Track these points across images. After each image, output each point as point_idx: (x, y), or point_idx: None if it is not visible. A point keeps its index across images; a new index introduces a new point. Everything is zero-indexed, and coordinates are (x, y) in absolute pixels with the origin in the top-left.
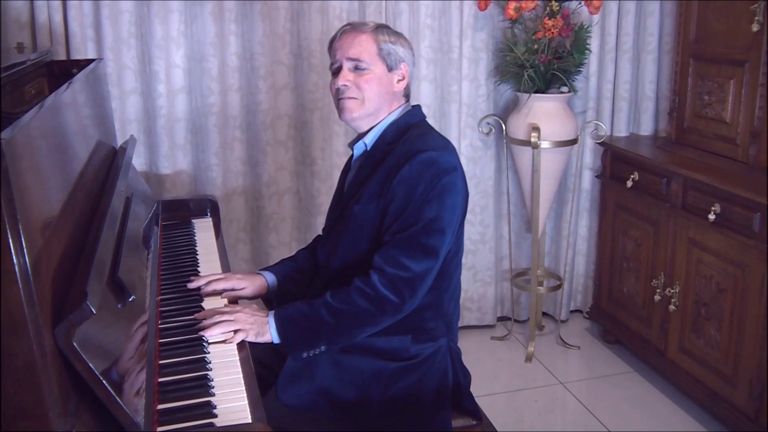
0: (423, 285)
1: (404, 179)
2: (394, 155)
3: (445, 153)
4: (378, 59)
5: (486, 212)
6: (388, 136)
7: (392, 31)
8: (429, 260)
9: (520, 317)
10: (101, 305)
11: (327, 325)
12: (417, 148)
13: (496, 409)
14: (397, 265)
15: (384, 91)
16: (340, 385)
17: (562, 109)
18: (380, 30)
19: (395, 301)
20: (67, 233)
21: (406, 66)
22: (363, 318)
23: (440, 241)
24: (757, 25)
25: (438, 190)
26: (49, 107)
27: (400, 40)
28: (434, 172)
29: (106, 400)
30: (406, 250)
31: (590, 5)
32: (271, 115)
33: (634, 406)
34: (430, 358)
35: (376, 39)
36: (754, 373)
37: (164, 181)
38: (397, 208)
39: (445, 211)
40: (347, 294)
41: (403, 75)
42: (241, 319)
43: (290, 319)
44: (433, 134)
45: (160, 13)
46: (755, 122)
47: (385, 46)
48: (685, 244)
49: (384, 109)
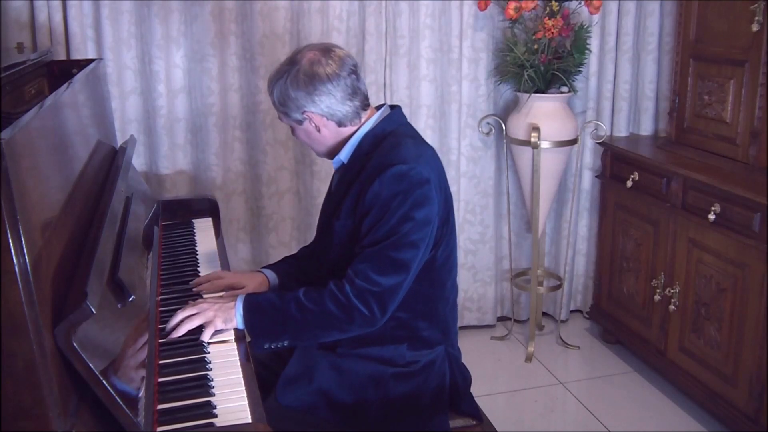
0: (393, 299)
1: (375, 194)
2: (368, 167)
3: (416, 165)
4: (286, 119)
5: (486, 212)
6: (364, 146)
7: (281, 81)
8: (398, 275)
9: (520, 317)
10: (101, 305)
11: (293, 320)
12: (388, 161)
13: (496, 409)
14: (366, 278)
15: (315, 139)
16: (338, 388)
17: (562, 109)
18: (273, 91)
19: (365, 313)
20: (67, 233)
21: (308, 113)
22: (330, 322)
23: (411, 254)
24: (757, 25)
25: (409, 204)
26: (49, 107)
27: (288, 90)
28: (405, 186)
29: (106, 400)
30: (375, 265)
31: (590, 5)
32: (271, 115)
33: (634, 406)
34: (429, 365)
35: (274, 102)
36: (754, 373)
37: (164, 181)
38: (369, 222)
39: (417, 224)
40: (320, 295)
41: (314, 123)
42: (203, 309)
43: (259, 307)
44: (406, 143)
45: (160, 13)
46: (755, 122)
47: (281, 108)
48: (685, 244)
49: (336, 139)
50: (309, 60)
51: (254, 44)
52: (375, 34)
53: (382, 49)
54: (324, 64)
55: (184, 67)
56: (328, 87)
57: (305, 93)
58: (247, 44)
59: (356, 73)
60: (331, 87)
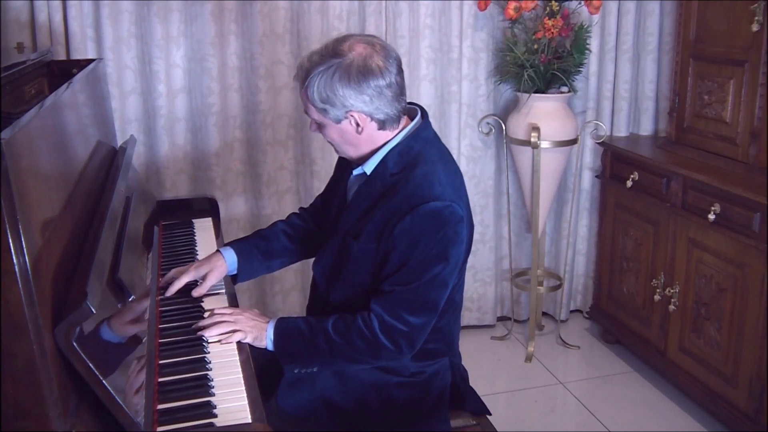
0: (421, 337)
1: (407, 230)
2: (396, 195)
3: (452, 203)
4: (321, 116)
5: (486, 212)
6: (389, 164)
7: (324, 74)
8: (429, 314)
9: (520, 317)
10: (101, 305)
11: (321, 351)
12: (422, 196)
13: (496, 409)
14: (396, 317)
15: (350, 140)
16: (340, 394)
17: (562, 109)
18: (310, 83)
19: (392, 349)
20: (67, 233)
21: (353, 113)
22: (357, 356)
23: (441, 294)
24: (757, 25)
25: (443, 245)
26: (49, 107)
27: (334, 84)
28: (439, 224)
29: (106, 400)
30: (407, 304)
31: (590, 5)
32: (271, 115)
33: (634, 406)
34: (432, 376)
35: (310, 96)
36: (754, 373)
37: (164, 181)
38: (398, 258)
39: (449, 264)
40: (348, 329)
41: (356, 122)
42: (241, 321)
43: (288, 333)
44: (438, 174)
45: (160, 13)
46: (755, 122)
47: (320, 105)
48: (685, 244)
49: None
50: (360, 54)
51: (254, 44)
52: (375, 34)
53: None
54: (375, 58)
55: (184, 66)
56: (380, 84)
57: (356, 90)
58: (247, 44)
59: (402, 71)
60: (384, 85)
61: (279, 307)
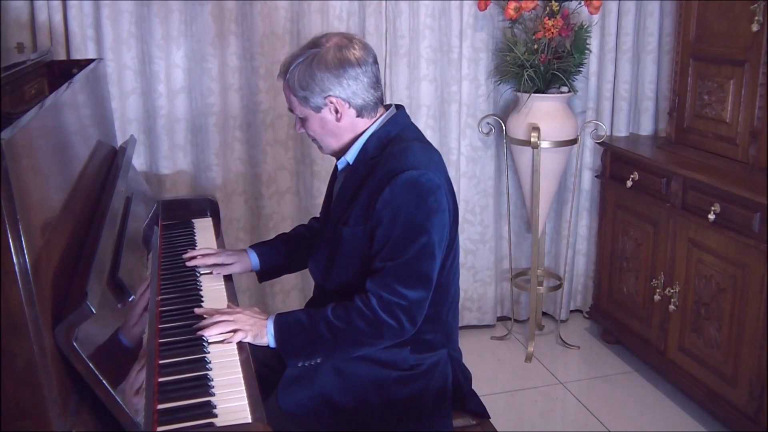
0: (420, 311)
1: (387, 202)
2: (375, 174)
3: (427, 171)
4: (303, 107)
5: (486, 212)
6: (369, 149)
7: (303, 63)
8: (424, 287)
9: (520, 317)
10: (101, 305)
11: (324, 339)
12: (398, 168)
13: (496, 409)
14: (393, 292)
15: (331, 129)
16: (340, 392)
17: (561, 109)
18: (291, 74)
19: (394, 326)
20: (67, 233)
21: (332, 98)
22: (361, 339)
23: (432, 265)
24: (757, 25)
25: (425, 213)
26: (49, 107)
27: (313, 71)
28: (417, 193)
29: (106, 400)
30: (401, 278)
31: (590, 5)
32: (271, 115)
33: (634, 406)
34: (431, 368)
35: (291, 87)
36: (754, 373)
37: (164, 181)
38: (384, 233)
39: (435, 234)
40: (347, 313)
41: (335, 108)
42: (240, 320)
43: (288, 327)
44: (414, 148)
45: (160, 13)
46: (755, 122)
47: (301, 92)
48: (684, 244)
49: (350, 133)
50: (336, 44)
51: (254, 44)
52: (375, 34)
53: (382, 49)
54: (352, 48)
55: (184, 67)
56: (357, 71)
57: (333, 75)
58: (247, 44)
59: (377, 63)
60: (360, 72)
61: (279, 306)
